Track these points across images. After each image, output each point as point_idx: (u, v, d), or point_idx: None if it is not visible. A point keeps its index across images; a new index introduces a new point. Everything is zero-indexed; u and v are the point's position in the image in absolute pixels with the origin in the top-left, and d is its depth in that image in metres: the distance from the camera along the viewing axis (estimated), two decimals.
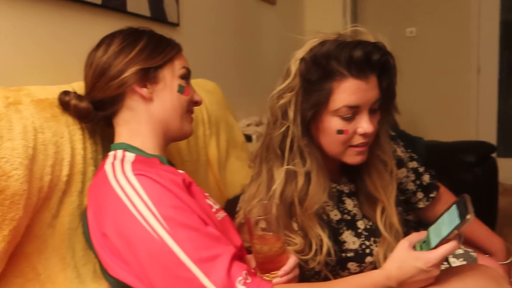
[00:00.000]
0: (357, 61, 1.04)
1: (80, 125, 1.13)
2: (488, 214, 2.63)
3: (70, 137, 1.09)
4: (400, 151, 1.35)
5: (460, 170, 2.55)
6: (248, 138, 2.27)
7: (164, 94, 1.09)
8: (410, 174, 1.38)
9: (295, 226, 1.14)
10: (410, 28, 4.43)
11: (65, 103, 1.09)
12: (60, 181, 1.04)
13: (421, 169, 1.41)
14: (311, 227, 1.12)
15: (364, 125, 1.08)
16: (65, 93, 1.10)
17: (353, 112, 1.08)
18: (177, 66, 1.12)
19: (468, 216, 0.90)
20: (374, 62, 1.06)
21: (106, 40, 1.11)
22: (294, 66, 1.10)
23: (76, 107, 1.08)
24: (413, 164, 1.39)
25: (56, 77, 1.23)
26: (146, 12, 1.81)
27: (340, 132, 1.09)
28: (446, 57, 4.27)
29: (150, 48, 1.09)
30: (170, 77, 1.10)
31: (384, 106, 1.15)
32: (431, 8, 4.32)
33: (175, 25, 2.03)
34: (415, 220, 1.50)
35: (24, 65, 1.26)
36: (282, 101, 1.10)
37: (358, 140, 1.11)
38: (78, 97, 1.10)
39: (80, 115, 1.10)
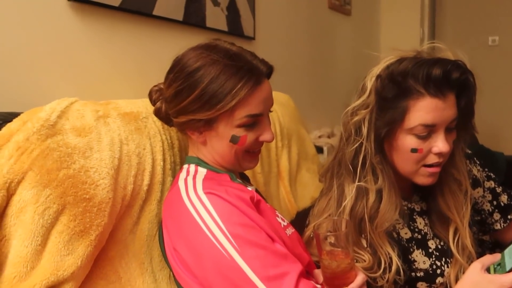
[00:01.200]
0: (435, 80, 1.03)
1: (160, 137, 1.19)
2: None
3: (152, 148, 1.16)
4: (476, 170, 1.31)
5: None
6: (320, 149, 2.28)
7: (216, 141, 1.05)
8: (486, 194, 1.34)
9: (364, 242, 1.13)
10: (493, 37, 4.24)
11: (152, 99, 1.14)
12: (142, 190, 1.11)
13: (499, 189, 1.36)
14: (380, 245, 1.12)
15: (440, 144, 1.07)
16: (157, 91, 1.13)
17: (428, 130, 1.06)
18: (238, 116, 1.00)
19: None
20: (453, 81, 1.04)
21: (178, 67, 1.04)
22: (369, 83, 1.10)
23: (156, 107, 1.13)
24: (490, 184, 1.34)
25: (141, 90, 1.31)
26: (224, 27, 1.89)
27: (414, 150, 1.08)
28: None
29: (206, 97, 0.99)
30: (224, 127, 1.02)
31: (460, 125, 1.12)
32: None
33: (251, 38, 2.09)
34: (491, 241, 1.45)
35: (113, 79, 1.37)
36: (356, 118, 1.10)
37: (432, 159, 1.09)
38: (162, 98, 1.12)
39: (158, 115, 1.14)
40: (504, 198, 1.36)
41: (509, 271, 0.91)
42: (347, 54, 3.19)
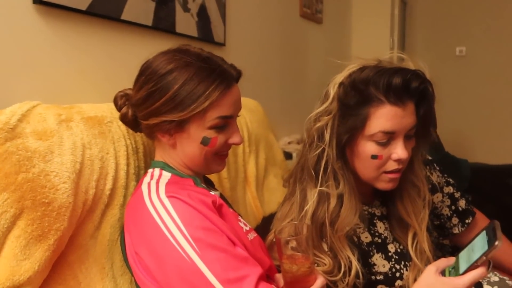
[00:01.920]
0: (395, 88, 1.06)
1: (125, 142, 1.19)
2: None
3: (115, 153, 1.16)
4: (435, 176, 1.35)
5: (506, 194, 2.48)
6: (289, 155, 2.30)
7: (186, 143, 1.06)
8: (445, 199, 1.38)
9: (325, 246, 1.15)
10: (460, 47, 4.36)
11: (117, 105, 1.13)
12: (104, 195, 1.10)
13: (457, 195, 1.40)
14: (340, 249, 1.14)
15: (399, 151, 1.09)
16: (122, 96, 1.13)
17: (388, 137, 1.09)
18: (209, 117, 1.02)
19: (497, 243, 0.90)
20: (412, 90, 1.07)
21: (150, 69, 1.05)
22: (332, 90, 1.12)
23: (122, 112, 1.12)
24: (449, 189, 1.38)
25: (107, 94, 1.31)
26: (194, 33, 1.89)
27: (374, 157, 1.11)
28: (496, 77, 4.17)
29: (180, 98, 1.00)
30: (195, 129, 1.03)
31: (420, 133, 1.15)
32: (482, 27, 4.24)
33: (222, 45, 2.10)
34: (451, 245, 1.49)
35: (78, 83, 1.36)
36: (319, 124, 1.12)
37: (392, 166, 1.12)
38: (129, 103, 1.11)
39: (124, 120, 1.13)
40: (462, 203, 1.40)
41: (462, 274, 0.94)
42: (318, 61, 3.23)
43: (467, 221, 1.40)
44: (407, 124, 1.09)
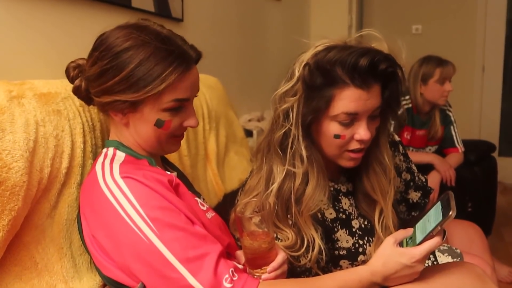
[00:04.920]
0: (361, 70, 1.04)
1: (80, 119, 1.15)
2: (486, 213, 2.66)
3: (71, 130, 1.12)
4: (398, 159, 1.36)
5: (460, 167, 2.58)
6: (249, 133, 2.30)
7: (140, 124, 1.03)
8: (401, 185, 1.38)
9: (289, 221, 1.16)
10: (416, 25, 4.43)
11: (70, 76, 1.09)
12: (60, 174, 1.07)
13: (413, 184, 1.41)
14: (304, 228, 1.14)
15: (362, 132, 1.10)
16: (75, 67, 1.08)
17: (351, 118, 1.09)
18: (165, 100, 0.99)
19: (451, 213, 0.93)
20: (379, 72, 1.07)
21: (105, 45, 1.00)
22: (297, 71, 1.11)
23: (75, 85, 1.08)
24: (406, 176, 1.39)
25: (60, 70, 1.26)
26: (151, 7, 1.84)
27: (337, 136, 1.11)
28: (451, 55, 4.21)
29: (134, 79, 0.97)
30: (149, 110, 1.00)
31: (385, 113, 1.16)
32: (437, 6, 4.32)
33: (179, 20, 2.06)
34: None
35: (29, 58, 1.30)
36: (284, 105, 1.11)
37: (354, 145, 1.12)
38: (82, 76, 1.07)
39: (77, 93, 1.09)
40: (414, 195, 1.41)
41: (419, 244, 0.97)
42: (277, 39, 3.22)
43: (413, 213, 1.43)
44: (371, 106, 1.09)
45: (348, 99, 1.07)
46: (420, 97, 2.57)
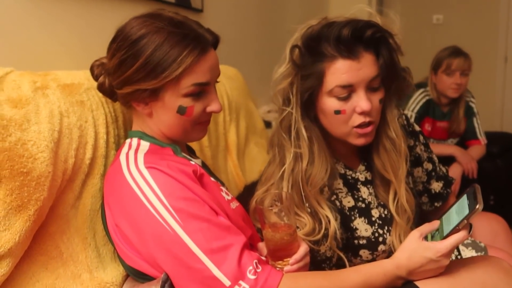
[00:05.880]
0: (345, 41, 1.05)
1: (103, 110, 1.16)
2: (509, 206, 2.62)
3: (94, 121, 1.12)
4: (419, 149, 1.34)
5: (482, 160, 2.54)
6: (268, 124, 2.29)
7: (162, 112, 1.03)
8: (423, 175, 1.37)
9: (306, 206, 1.16)
10: (437, 15, 4.36)
11: (94, 74, 1.11)
12: (84, 164, 1.08)
13: (434, 175, 1.39)
14: (317, 207, 1.15)
15: (362, 103, 1.08)
16: (98, 65, 1.10)
17: (348, 91, 1.09)
18: (184, 85, 0.99)
19: (477, 206, 0.91)
20: (366, 39, 1.07)
21: (121, 36, 1.01)
22: (288, 53, 1.13)
23: (100, 82, 1.09)
24: (428, 166, 1.37)
25: (83, 61, 1.26)
26: None
27: (337, 112, 1.10)
28: (472, 45, 4.15)
29: (152, 65, 0.97)
30: (170, 97, 1.00)
31: (387, 84, 1.14)
32: None
33: (199, 10, 2.05)
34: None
35: (52, 49, 1.31)
36: (280, 87, 1.14)
37: (358, 119, 1.10)
38: (105, 72, 1.08)
39: (101, 90, 1.11)
40: (436, 186, 1.40)
41: (445, 238, 0.95)
42: (297, 28, 3.18)
43: (436, 204, 1.41)
44: (365, 75, 1.08)
45: (339, 72, 1.07)
46: (434, 88, 2.54)
